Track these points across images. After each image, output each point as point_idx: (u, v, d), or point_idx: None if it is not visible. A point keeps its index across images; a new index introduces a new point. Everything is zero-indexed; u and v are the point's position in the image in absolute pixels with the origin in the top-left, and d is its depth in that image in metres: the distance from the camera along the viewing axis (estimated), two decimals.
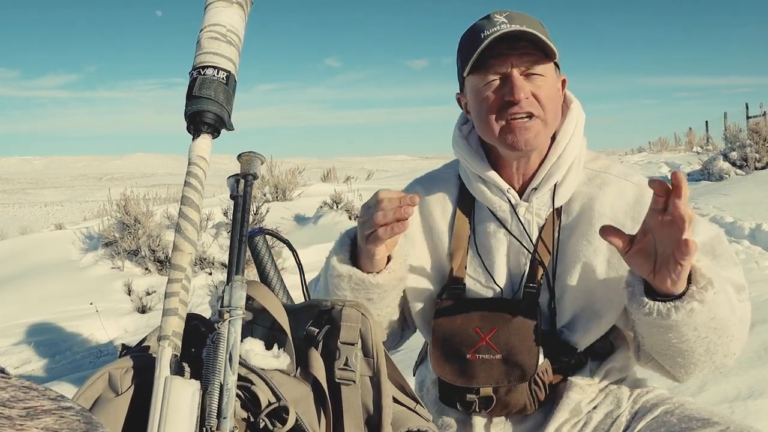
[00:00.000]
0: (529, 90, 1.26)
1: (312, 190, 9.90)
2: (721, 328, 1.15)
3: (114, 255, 6.56)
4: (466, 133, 1.43)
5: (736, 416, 1.95)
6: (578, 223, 1.33)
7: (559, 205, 1.34)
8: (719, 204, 6.85)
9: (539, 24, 1.30)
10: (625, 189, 1.33)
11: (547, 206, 1.34)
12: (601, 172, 1.37)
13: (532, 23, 1.28)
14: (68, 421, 0.47)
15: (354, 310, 0.91)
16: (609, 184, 1.34)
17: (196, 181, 0.87)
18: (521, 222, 1.34)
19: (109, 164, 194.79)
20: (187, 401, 0.74)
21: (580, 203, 1.34)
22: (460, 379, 1.28)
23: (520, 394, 1.29)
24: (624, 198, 1.32)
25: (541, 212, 1.34)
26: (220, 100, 0.89)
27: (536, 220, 1.34)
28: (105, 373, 0.80)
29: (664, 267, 1.08)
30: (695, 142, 19.47)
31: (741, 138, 10.26)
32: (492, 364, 1.26)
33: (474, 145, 1.40)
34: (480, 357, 1.26)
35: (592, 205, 1.33)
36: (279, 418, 0.79)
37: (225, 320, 0.80)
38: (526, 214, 1.35)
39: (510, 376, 1.25)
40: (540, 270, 1.32)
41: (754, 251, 4.70)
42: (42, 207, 34.15)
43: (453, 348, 1.28)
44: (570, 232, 1.33)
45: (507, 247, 1.36)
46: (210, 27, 0.92)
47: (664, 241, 1.08)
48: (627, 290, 1.18)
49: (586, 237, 1.31)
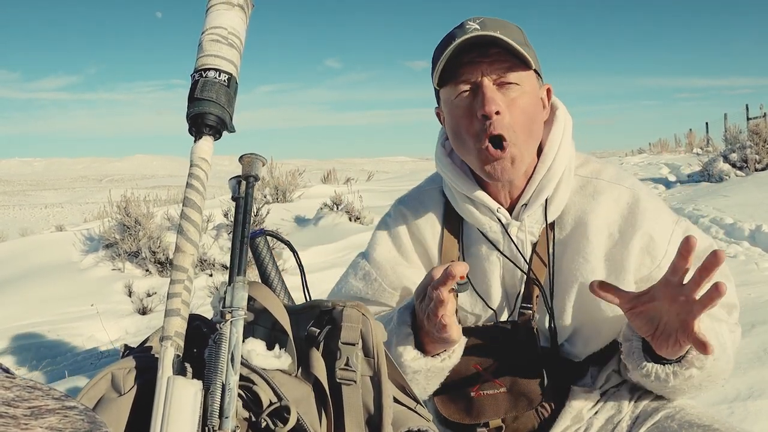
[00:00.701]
0: (502, 102, 1.18)
1: (312, 192, 9.90)
2: (715, 375, 1.16)
3: (114, 256, 6.56)
4: (449, 150, 1.36)
5: (736, 417, 1.95)
6: (572, 237, 1.28)
7: (551, 219, 1.29)
8: (719, 205, 6.84)
9: (516, 29, 1.22)
10: (619, 196, 1.28)
11: (539, 222, 1.29)
12: (592, 178, 1.30)
13: (507, 29, 1.20)
14: (72, 420, 0.47)
15: (355, 311, 0.91)
16: (602, 193, 1.28)
17: (198, 183, 0.88)
18: (514, 242, 1.29)
19: (109, 166, 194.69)
20: (190, 401, 0.75)
21: (574, 216, 1.29)
22: (468, 417, 1.24)
23: (527, 418, 1.28)
24: (618, 206, 1.27)
25: (534, 230, 1.29)
26: (221, 103, 0.90)
27: (529, 238, 1.29)
28: (108, 374, 0.80)
29: (663, 337, 1.05)
30: (695, 144, 19.46)
31: (741, 139, 10.26)
32: (497, 398, 1.22)
33: (458, 162, 1.34)
34: (485, 393, 1.23)
35: (585, 219, 1.27)
36: (280, 418, 0.80)
37: (227, 321, 0.81)
38: (518, 234, 1.29)
39: (517, 406, 1.22)
40: (536, 290, 1.28)
41: (754, 253, 4.70)
42: (42, 209, 34.15)
43: (455, 388, 1.24)
44: (564, 248, 1.29)
45: (501, 268, 1.31)
46: (211, 29, 0.93)
47: (671, 316, 1.03)
48: (624, 344, 1.17)
49: (582, 254, 1.26)
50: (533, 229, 1.29)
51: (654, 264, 1.25)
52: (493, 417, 1.24)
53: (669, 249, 1.24)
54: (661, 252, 1.25)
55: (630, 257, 1.24)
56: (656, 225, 1.26)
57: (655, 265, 1.25)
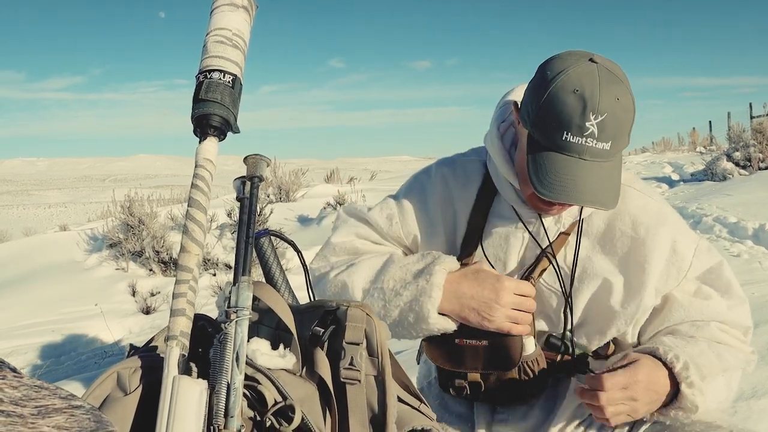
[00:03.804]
0: None
1: (315, 191, 9.90)
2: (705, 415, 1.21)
3: (118, 256, 6.58)
4: (503, 132, 1.38)
5: (739, 416, 1.95)
6: (600, 237, 1.32)
7: (584, 216, 1.32)
8: (722, 204, 6.83)
9: (629, 117, 1.15)
10: (647, 204, 1.32)
11: (572, 216, 1.33)
12: (626, 185, 1.32)
13: (622, 129, 1.14)
14: (79, 419, 0.48)
15: (359, 311, 0.91)
16: (633, 200, 1.32)
17: (203, 183, 0.88)
18: (543, 225, 1.33)
19: (113, 165, 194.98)
20: (195, 400, 0.75)
21: (604, 216, 1.32)
22: (449, 363, 1.30)
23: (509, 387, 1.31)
24: (647, 214, 1.30)
25: (565, 221, 1.33)
26: (226, 104, 0.90)
27: (558, 227, 1.33)
28: (114, 373, 0.81)
29: None
30: (699, 142, 19.43)
31: (745, 138, 10.23)
32: (477, 349, 1.26)
33: (508, 146, 1.36)
34: (467, 342, 1.27)
35: (614, 223, 1.31)
36: (285, 417, 0.80)
37: (232, 320, 0.81)
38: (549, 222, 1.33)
39: (493, 363, 1.26)
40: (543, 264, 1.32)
41: (758, 251, 4.69)
42: (46, 208, 34.20)
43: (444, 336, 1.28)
44: (591, 246, 1.32)
45: (523, 246, 1.35)
46: (216, 31, 0.94)
47: None
48: None
49: (608, 256, 1.30)
50: (565, 220, 1.33)
51: (680, 275, 1.29)
52: (471, 368, 1.29)
53: (694, 262, 1.29)
54: (686, 264, 1.28)
55: (652, 262, 1.27)
56: (682, 238, 1.30)
57: (682, 277, 1.29)
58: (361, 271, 1.32)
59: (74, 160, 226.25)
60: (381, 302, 1.27)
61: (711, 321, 1.28)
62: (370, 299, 1.28)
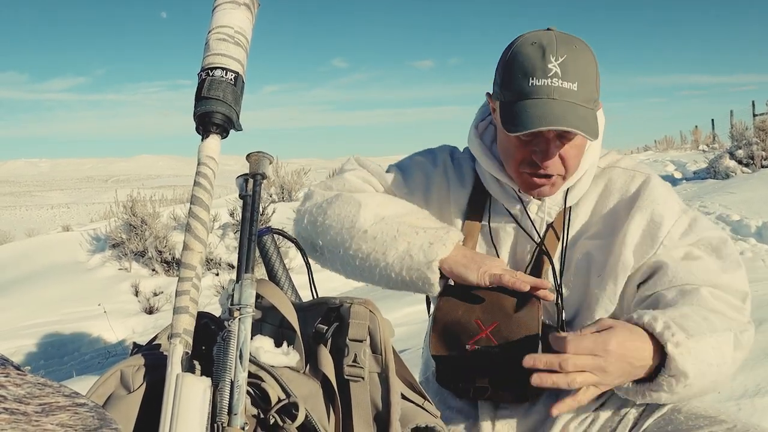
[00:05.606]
0: (558, 153, 1.23)
1: None
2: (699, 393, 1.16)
3: (121, 256, 6.58)
4: (482, 131, 1.42)
5: (743, 413, 1.95)
6: (587, 223, 1.34)
7: (570, 204, 1.35)
8: (725, 202, 6.82)
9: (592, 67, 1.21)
10: (632, 178, 1.34)
11: (558, 205, 1.35)
12: (609, 167, 1.38)
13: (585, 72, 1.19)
14: (82, 417, 0.48)
15: (362, 308, 0.91)
16: (617, 179, 1.35)
17: (206, 181, 0.88)
18: (531, 219, 1.35)
19: (115, 166, 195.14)
20: (199, 398, 0.75)
21: (590, 202, 1.35)
22: (457, 368, 1.28)
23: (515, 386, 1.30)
24: (629, 188, 1.33)
25: (552, 211, 1.35)
26: (228, 101, 0.90)
27: (546, 218, 1.35)
28: (117, 371, 0.81)
29: None
30: (701, 140, 19.38)
31: (747, 136, 10.21)
32: (488, 356, 1.25)
33: (488, 143, 1.40)
34: (478, 348, 1.25)
35: (600, 209, 1.34)
36: (289, 415, 0.80)
37: (235, 318, 0.81)
38: (538, 212, 1.36)
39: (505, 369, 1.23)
40: (546, 264, 1.33)
41: (761, 249, 4.68)
42: (49, 209, 34.26)
43: (453, 337, 1.27)
44: (579, 232, 1.34)
45: (513, 239, 1.37)
46: (218, 29, 0.93)
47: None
48: None
49: (593, 239, 1.32)
50: (551, 210, 1.36)
51: (654, 246, 1.26)
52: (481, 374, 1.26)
53: (672, 232, 1.26)
54: (662, 234, 1.26)
55: (630, 231, 1.27)
56: (661, 208, 1.29)
57: (655, 248, 1.26)
58: (379, 198, 1.34)
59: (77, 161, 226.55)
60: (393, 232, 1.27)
61: (702, 286, 1.20)
62: (382, 224, 1.27)
